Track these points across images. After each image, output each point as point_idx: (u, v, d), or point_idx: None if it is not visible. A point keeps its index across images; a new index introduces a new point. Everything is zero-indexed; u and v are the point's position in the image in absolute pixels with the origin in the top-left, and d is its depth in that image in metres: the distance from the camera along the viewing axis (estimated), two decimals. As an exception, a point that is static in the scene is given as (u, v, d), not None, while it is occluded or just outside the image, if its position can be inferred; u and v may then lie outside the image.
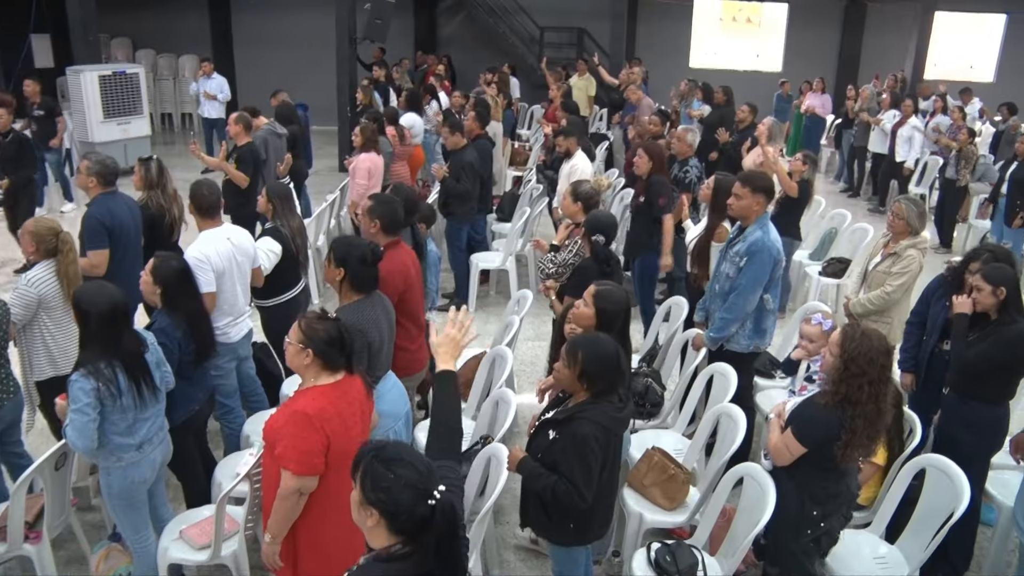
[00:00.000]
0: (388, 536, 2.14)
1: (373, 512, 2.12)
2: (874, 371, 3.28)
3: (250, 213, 7.10)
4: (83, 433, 3.44)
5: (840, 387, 3.31)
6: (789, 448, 3.44)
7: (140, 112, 13.49)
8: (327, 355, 3.16)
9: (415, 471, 2.15)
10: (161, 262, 4.00)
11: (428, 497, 2.10)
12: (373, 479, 2.13)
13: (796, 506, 3.51)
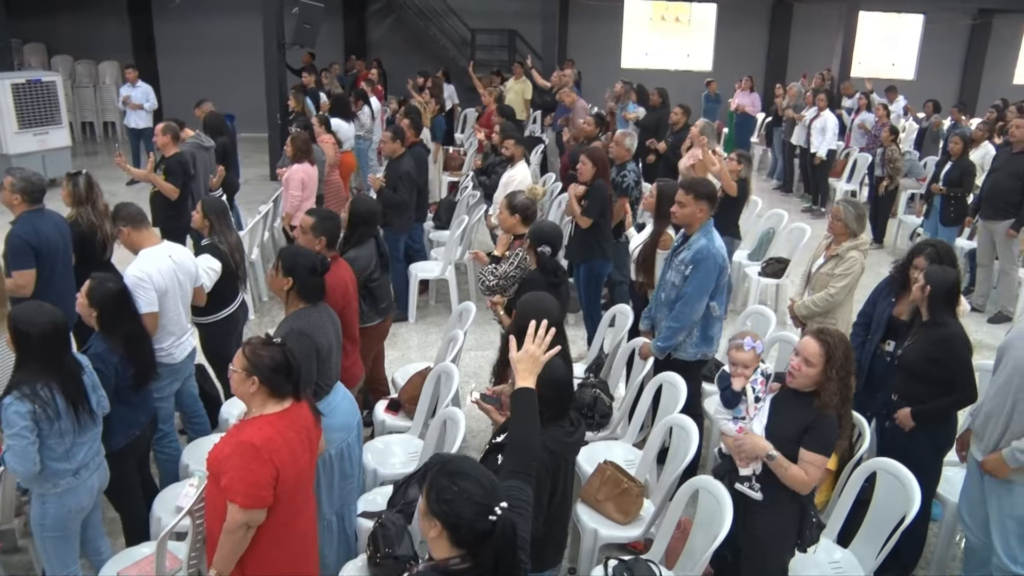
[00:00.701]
0: (449, 548, 2.21)
1: (436, 523, 2.19)
2: (851, 365, 3.46)
3: (182, 226, 6.89)
4: (24, 457, 3.30)
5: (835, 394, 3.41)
6: (817, 466, 3.45)
7: (59, 122, 12.96)
8: (273, 382, 3.04)
9: (479, 486, 2.22)
10: (97, 284, 3.84)
11: (490, 513, 2.16)
12: (438, 490, 2.20)
13: (798, 515, 3.57)
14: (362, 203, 5.34)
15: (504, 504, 2.19)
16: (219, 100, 10.58)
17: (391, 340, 7.17)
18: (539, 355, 2.80)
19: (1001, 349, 3.96)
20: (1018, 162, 8.01)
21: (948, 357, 4.15)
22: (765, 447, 3.48)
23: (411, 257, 8.15)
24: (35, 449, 3.34)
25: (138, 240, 4.63)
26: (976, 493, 4.05)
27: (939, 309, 4.17)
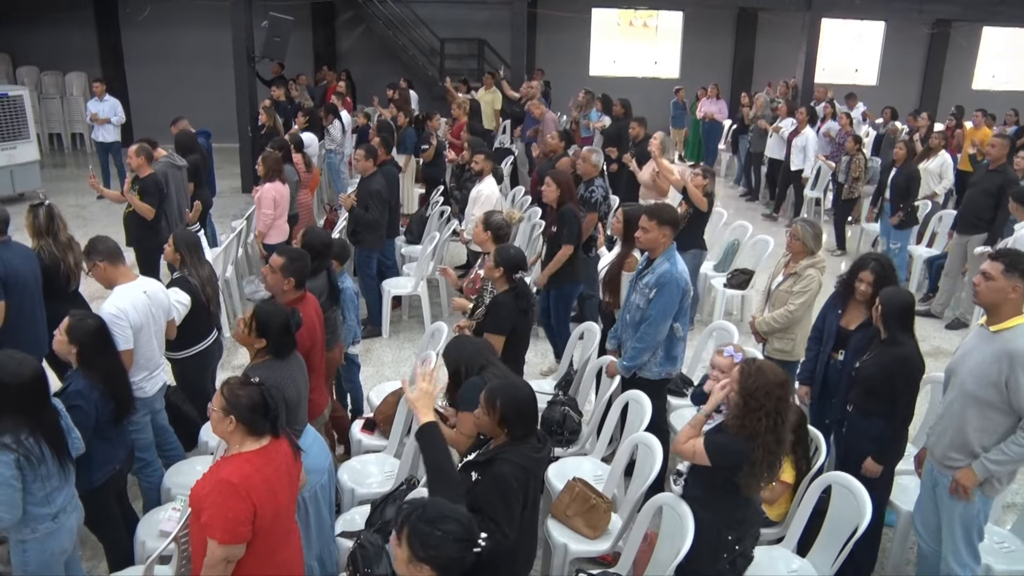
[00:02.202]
0: None
1: (425, 567, 2.36)
2: (771, 403, 3.46)
3: (156, 247, 6.93)
4: (11, 505, 3.38)
5: (744, 421, 3.48)
6: (696, 455, 3.61)
7: (27, 136, 12.93)
8: (251, 421, 3.16)
9: (459, 524, 2.39)
10: (77, 321, 3.92)
11: (474, 546, 2.34)
12: (422, 538, 2.36)
13: (714, 534, 3.67)
14: (315, 236, 5.32)
15: (484, 535, 2.36)
16: (189, 112, 10.60)
17: (365, 356, 7.31)
18: (432, 391, 3.13)
19: (948, 371, 4.17)
20: (991, 179, 8.34)
21: (901, 376, 4.35)
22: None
23: (383, 273, 8.27)
24: (19, 497, 3.40)
25: (114, 276, 4.66)
26: (929, 505, 4.26)
27: (895, 328, 4.38)
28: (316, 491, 3.85)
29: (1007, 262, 3.83)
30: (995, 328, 3.88)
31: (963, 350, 4.11)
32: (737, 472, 3.52)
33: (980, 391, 3.89)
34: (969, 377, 3.94)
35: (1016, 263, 3.83)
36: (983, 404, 3.89)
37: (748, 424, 3.48)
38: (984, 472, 3.91)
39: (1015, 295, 3.84)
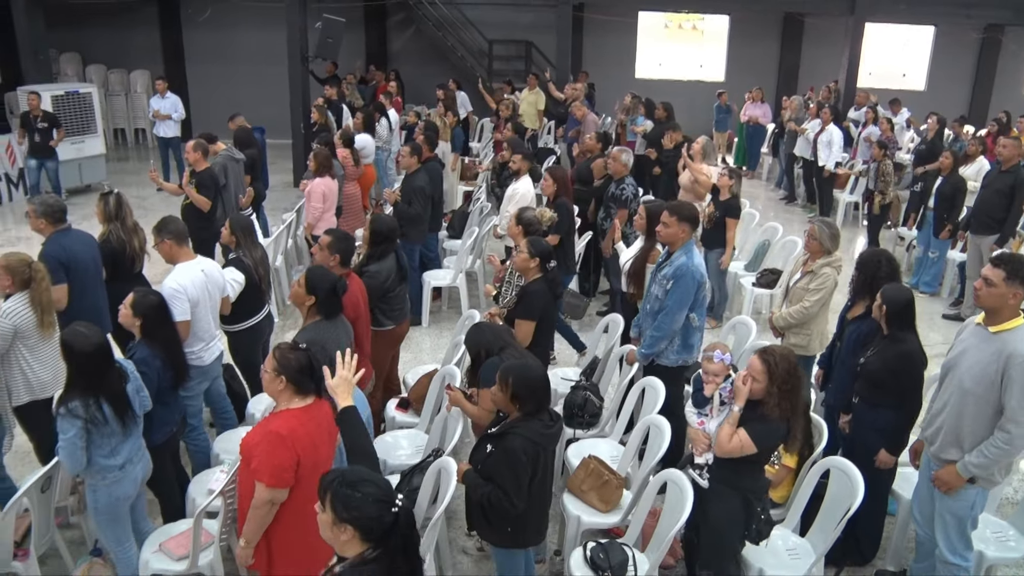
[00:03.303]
0: (360, 545, 2.54)
1: (347, 528, 2.51)
2: (796, 382, 3.81)
3: (211, 236, 7.43)
4: (72, 458, 3.84)
5: (782, 404, 3.78)
6: (744, 447, 3.87)
7: (94, 131, 13.67)
8: (298, 381, 3.56)
9: (376, 487, 2.58)
10: (141, 296, 4.37)
11: (392, 506, 2.53)
12: (344, 501, 2.51)
13: (741, 507, 3.99)
14: (382, 222, 5.85)
15: (400, 496, 2.57)
16: (244, 109, 11.17)
17: (405, 343, 7.67)
18: (350, 378, 3.36)
19: (945, 367, 4.37)
20: (1003, 179, 8.43)
21: (904, 371, 4.58)
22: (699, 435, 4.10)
23: (425, 265, 8.67)
24: (82, 453, 3.87)
25: (177, 254, 5.15)
26: (926, 494, 4.48)
27: (897, 325, 4.61)
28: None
29: (1009, 270, 3.98)
30: (994, 329, 4.05)
31: (960, 347, 4.28)
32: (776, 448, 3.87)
33: (977, 389, 4.06)
34: (967, 375, 4.12)
35: (1017, 271, 3.97)
36: (979, 401, 4.06)
37: (785, 405, 3.80)
38: (967, 472, 4.10)
39: (1014, 301, 4.01)
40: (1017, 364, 3.91)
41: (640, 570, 4.10)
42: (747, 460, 3.89)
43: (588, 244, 8.49)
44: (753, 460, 3.90)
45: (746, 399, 3.86)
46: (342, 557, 2.61)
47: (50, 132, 11.74)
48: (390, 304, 5.75)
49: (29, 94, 11.89)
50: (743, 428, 3.85)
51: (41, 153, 11.76)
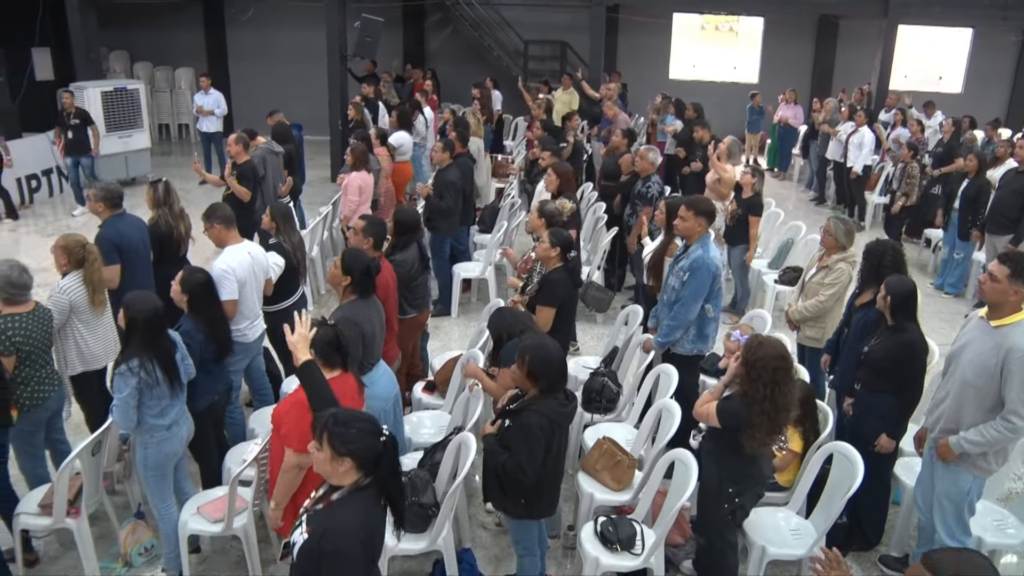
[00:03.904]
0: (356, 473, 2.88)
1: (346, 460, 2.84)
2: (768, 374, 3.89)
3: (251, 225, 7.76)
4: (125, 415, 4.20)
5: (746, 388, 3.96)
6: (709, 417, 4.10)
7: (140, 126, 14.15)
8: (326, 355, 3.85)
9: (365, 422, 2.93)
10: (189, 274, 4.71)
11: (380, 436, 2.87)
12: (340, 438, 2.84)
13: (715, 483, 4.19)
14: (406, 213, 6.14)
15: (385, 427, 2.91)
16: (284, 106, 11.56)
17: (435, 332, 7.99)
18: (307, 335, 3.69)
19: (949, 357, 4.53)
20: (1020, 180, 8.52)
21: (907, 360, 4.76)
22: None
23: (456, 258, 8.95)
24: (134, 412, 4.21)
25: (225, 237, 5.50)
26: (928, 482, 4.65)
27: (900, 315, 4.79)
28: (381, 414, 4.51)
29: (1013, 268, 4.14)
30: (996, 323, 4.21)
31: (963, 340, 4.44)
32: (739, 433, 4.01)
33: (977, 381, 4.23)
34: (968, 367, 4.29)
35: (1022, 269, 4.12)
36: (979, 393, 4.23)
37: (749, 391, 3.96)
38: (959, 448, 4.28)
39: (1016, 297, 4.16)
40: (1016, 358, 4.07)
41: (647, 543, 4.33)
42: (719, 436, 4.10)
43: (613, 239, 8.71)
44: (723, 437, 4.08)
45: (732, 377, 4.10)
46: (334, 487, 2.94)
47: (83, 129, 11.95)
48: (413, 292, 6.03)
49: (64, 92, 12.17)
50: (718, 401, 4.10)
51: (75, 151, 12.00)
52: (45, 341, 4.72)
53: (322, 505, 2.96)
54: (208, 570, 4.84)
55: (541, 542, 4.39)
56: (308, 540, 2.86)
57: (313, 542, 2.83)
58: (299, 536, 2.93)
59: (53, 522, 4.46)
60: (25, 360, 4.57)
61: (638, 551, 4.34)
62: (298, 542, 2.92)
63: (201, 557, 4.90)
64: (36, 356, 4.64)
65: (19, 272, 4.57)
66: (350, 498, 2.89)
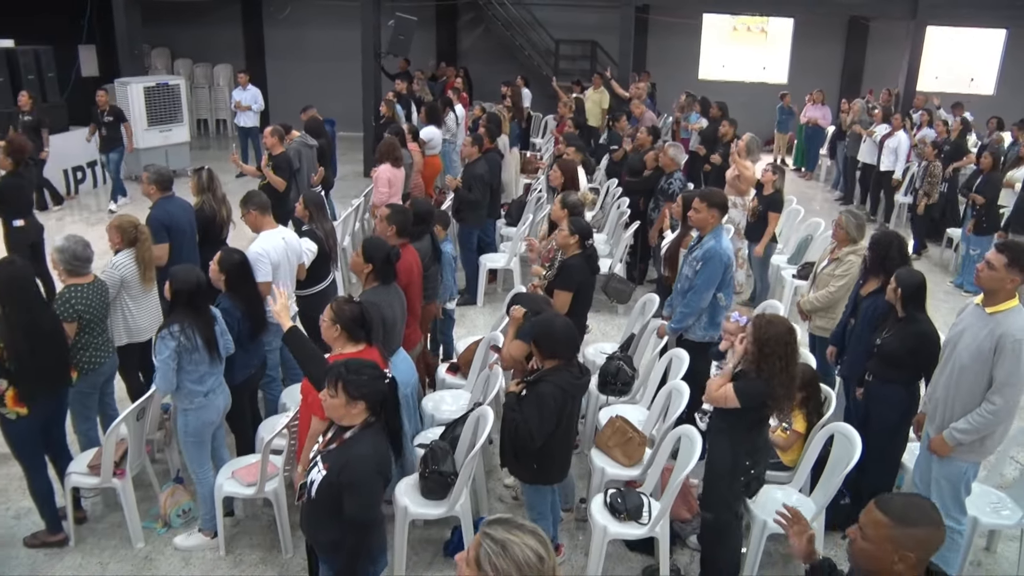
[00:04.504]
0: (364, 413, 3.28)
1: (359, 403, 3.24)
2: (780, 348, 4.12)
3: (285, 214, 8.10)
4: (165, 378, 4.51)
5: (761, 365, 4.17)
6: (728, 400, 4.28)
7: (180, 120, 14.61)
8: (351, 329, 4.13)
9: (371, 366, 3.32)
10: (226, 255, 5.03)
11: (385, 378, 3.29)
12: (354, 384, 3.23)
13: (730, 459, 4.38)
14: (419, 204, 6.40)
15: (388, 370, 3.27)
16: (319, 102, 11.93)
17: (461, 320, 8.28)
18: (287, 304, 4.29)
19: (946, 344, 4.72)
20: (1046, 181, 8.63)
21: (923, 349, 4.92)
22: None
23: (483, 250, 9.23)
24: (173, 374, 4.53)
25: (261, 223, 5.84)
26: (926, 463, 4.80)
27: (911, 307, 4.97)
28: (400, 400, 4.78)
29: (1011, 257, 4.32)
30: (991, 310, 4.38)
31: (960, 326, 4.62)
32: (763, 409, 4.23)
33: (974, 365, 4.40)
34: (965, 352, 4.46)
35: (1018, 259, 4.31)
36: (975, 376, 4.40)
37: (765, 367, 4.16)
38: (952, 440, 4.46)
39: (1011, 285, 4.35)
40: (1009, 342, 4.26)
41: (654, 513, 4.58)
42: (738, 415, 4.26)
43: (636, 233, 8.95)
44: (743, 416, 4.27)
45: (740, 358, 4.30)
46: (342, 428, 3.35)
47: (116, 125, 12.26)
48: (425, 283, 6.27)
49: (99, 91, 12.55)
50: (731, 383, 4.30)
51: (108, 147, 12.33)
52: (102, 311, 5.11)
53: (335, 445, 3.30)
54: (241, 532, 5.17)
55: (554, 509, 4.65)
56: (327, 475, 3.21)
57: (333, 476, 3.18)
58: (316, 474, 3.26)
59: (100, 481, 4.82)
60: (85, 327, 4.95)
61: (645, 521, 4.59)
62: (316, 480, 3.25)
63: (234, 520, 5.22)
64: (94, 324, 5.03)
65: (83, 247, 4.97)
66: (361, 435, 3.28)
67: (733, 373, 4.36)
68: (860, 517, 2.55)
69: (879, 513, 2.47)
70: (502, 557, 2.21)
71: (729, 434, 4.40)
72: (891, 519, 2.44)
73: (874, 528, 2.47)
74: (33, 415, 4.60)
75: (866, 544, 2.48)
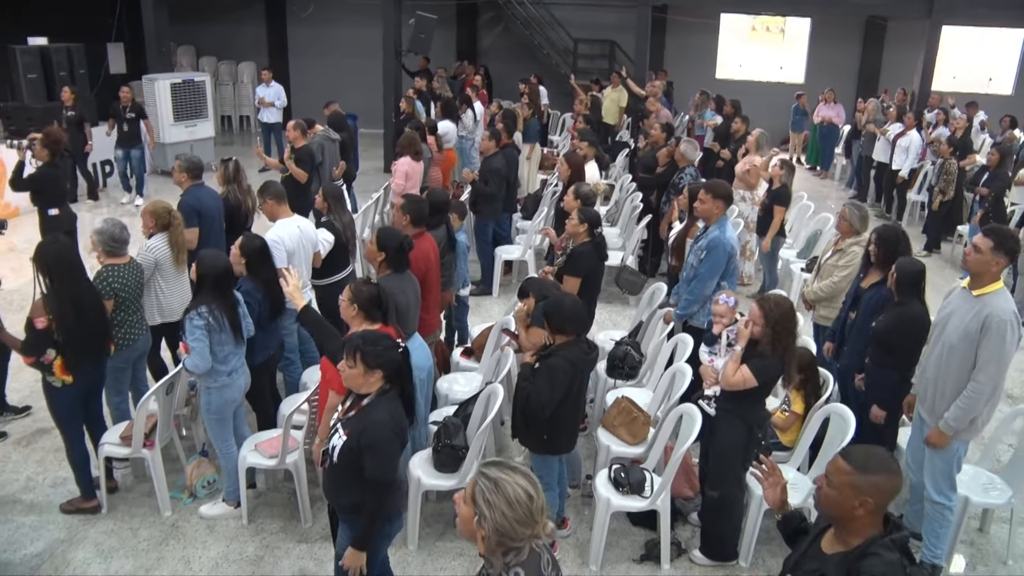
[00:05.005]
0: (380, 381, 3.53)
1: (377, 372, 3.47)
2: (791, 324, 4.43)
3: (306, 205, 8.37)
4: (202, 356, 4.73)
5: (776, 344, 4.41)
6: (747, 381, 4.49)
7: (205, 116, 14.95)
8: (367, 309, 4.36)
9: (386, 337, 3.56)
10: (247, 240, 5.28)
11: (399, 348, 3.53)
12: (372, 354, 3.47)
13: (744, 435, 4.62)
14: (436, 195, 6.67)
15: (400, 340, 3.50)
16: (341, 99, 12.21)
17: (476, 309, 8.52)
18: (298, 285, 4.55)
19: (936, 325, 4.90)
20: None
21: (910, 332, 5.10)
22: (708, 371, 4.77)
23: (499, 242, 9.46)
24: (208, 350, 4.76)
25: (277, 212, 6.11)
26: (918, 443, 5.02)
27: (906, 293, 5.16)
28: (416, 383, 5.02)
29: (996, 240, 4.51)
30: (977, 292, 4.57)
31: (948, 309, 4.80)
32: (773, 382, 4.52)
33: (962, 344, 4.58)
34: (953, 333, 4.65)
35: (1004, 243, 4.51)
36: (964, 356, 4.58)
37: (780, 345, 4.42)
38: (949, 429, 4.64)
39: (996, 268, 4.55)
40: (994, 322, 4.45)
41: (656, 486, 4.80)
42: (748, 393, 4.51)
43: (648, 227, 9.16)
44: (754, 393, 4.52)
45: (747, 340, 4.50)
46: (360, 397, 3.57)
47: (137, 122, 12.49)
48: (441, 270, 6.52)
49: (122, 88, 12.81)
50: (745, 365, 4.50)
51: (126, 143, 12.51)
52: (137, 290, 5.40)
53: (354, 412, 3.55)
54: (262, 504, 5.43)
55: (560, 483, 4.89)
56: (347, 440, 3.45)
57: (353, 441, 3.42)
58: (337, 440, 3.50)
59: (131, 451, 5.11)
60: (120, 305, 5.24)
61: (647, 494, 4.81)
62: (337, 445, 3.49)
63: (256, 492, 5.49)
64: (129, 302, 5.33)
65: (120, 229, 5.28)
66: (377, 401, 3.52)
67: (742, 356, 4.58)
68: (827, 466, 2.77)
69: (842, 461, 2.69)
70: (494, 493, 2.46)
71: (741, 413, 4.62)
72: (852, 467, 2.65)
73: (837, 475, 2.68)
74: (77, 384, 4.90)
75: (831, 491, 2.70)
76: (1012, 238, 4.60)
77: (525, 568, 2.52)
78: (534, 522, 2.50)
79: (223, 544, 5.05)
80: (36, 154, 7.81)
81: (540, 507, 2.50)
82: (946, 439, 4.68)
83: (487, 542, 2.50)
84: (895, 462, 2.74)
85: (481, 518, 2.48)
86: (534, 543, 2.53)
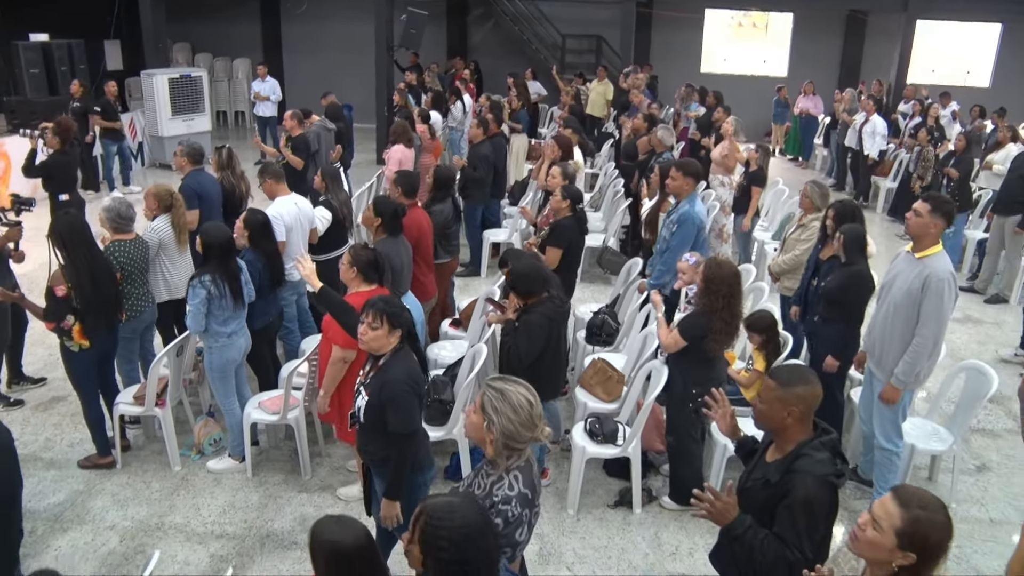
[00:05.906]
0: (396, 340, 3.85)
1: (397, 331, 3.82)
2: (724, 287, 4.82)
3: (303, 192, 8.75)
4: (196, 319, 5.19)
5: (704, 299, 4.86)
6: (677, 343, 4.99)
7: (202, 110, 15.34)
8: (365, 271, 4.81)
9: (398, 302, 3.94)
10: (250, 214, 5.71)
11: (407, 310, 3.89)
12: (395, 315, 3.81)
13: (680, 387, 5.08)
14: (443, 171, 7.25)
15: None
16: (336, 93, 12.65)
17: (464, 289, 8.95)
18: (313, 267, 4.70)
19: (883, 287, 5.34)
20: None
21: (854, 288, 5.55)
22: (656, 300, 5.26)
23: (487, 225, 9.90)
24: (203, 317, 5.20)
25: (275, 190, 6.56)
26: (869, 396, 5.46)
27: (852, 252, 5.61)
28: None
29: (933, 204, 4.96)
30: (919, 255, 5.02)
31: (894, 272, 5.23)
32: (703, 340, 4.90)
33: (905, 302, 5.01)
34: (898, 293, 5.09)
35: (940, 206, 4.96)
36: (907, 313, 5.02)
37: (707, 301, 4.86)
38: (899, 383, 5.07)
39: (935, 230, 5.00)
40: (933, 282, 4.89)
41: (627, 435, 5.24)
42: (683, 353, 4.98)
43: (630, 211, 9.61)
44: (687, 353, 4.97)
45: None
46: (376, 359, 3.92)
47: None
48: (448, 239, 7.02)
49: (107, 82, 13.17)
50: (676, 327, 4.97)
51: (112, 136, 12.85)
52: (142, 264, 5.79)
53: (373, 373, 3.92)
54: (265, 459, 5.86)
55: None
56: (370, 399, 3.83)
57: (374, 398, 3.81)
58: (361, 401, 3.89)
59: (144, 410, 5.54)
60: (127, 279, 5.64)
61: (619, 443, 5.25)
62: (362, 406, 3.88)
63: (259, 449, 5.92)
64: (135, 276, 5.72)
65: (126, 207, 5.69)
66: (393, 359, 3.86)
67: None
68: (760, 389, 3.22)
69: (769, 380, 3.14)
70: (501, 401, 2.99)
71: (681, 368, 5.08)
72: (777, 383, 3.10)
73: (766, 392, 3.14)
74: (93, 348, 5.32)
75: (763, 406, 3.15)
76: (947, 202, 5.06)
77: (523, 473, 3.02)
78: (534, 425, 3.00)
79: (229, 494, 5.49)
80: (48, 142, 8.23)
81: (539, 413, 3.00)
82: (898, 394, 5.10)
83: (495, 444, 2.99)
84: (813, 375, 3.19)
85: (490, 423, 2.97)
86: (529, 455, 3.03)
